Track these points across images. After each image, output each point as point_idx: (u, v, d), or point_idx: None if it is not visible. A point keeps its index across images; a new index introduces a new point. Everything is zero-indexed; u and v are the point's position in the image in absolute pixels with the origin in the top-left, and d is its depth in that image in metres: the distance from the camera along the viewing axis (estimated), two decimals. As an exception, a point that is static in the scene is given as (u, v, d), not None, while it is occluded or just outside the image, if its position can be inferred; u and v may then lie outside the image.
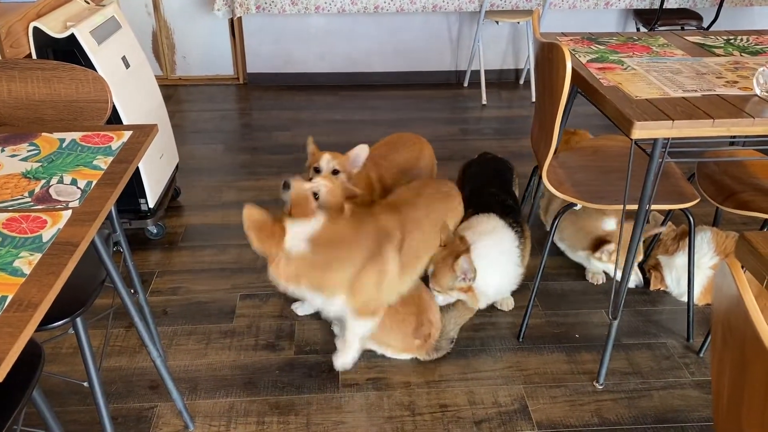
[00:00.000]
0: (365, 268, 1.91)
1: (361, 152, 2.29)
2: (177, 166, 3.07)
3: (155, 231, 2.78)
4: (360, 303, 1.94)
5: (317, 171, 2.27)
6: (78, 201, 1.26)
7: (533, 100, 4.31)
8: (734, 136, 2.21)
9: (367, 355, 2.17)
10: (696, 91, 1.81)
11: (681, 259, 2.40)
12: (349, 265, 1.90)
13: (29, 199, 1.26)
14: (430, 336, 2.13)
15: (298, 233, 1.85)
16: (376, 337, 2.12)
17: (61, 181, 1.33)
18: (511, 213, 2.30)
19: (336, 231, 1.89)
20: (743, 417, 0.92)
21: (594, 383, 2.09)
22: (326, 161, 2.27)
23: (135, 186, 2.64)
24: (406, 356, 2.16)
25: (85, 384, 1.62)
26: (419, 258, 2.10)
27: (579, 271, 2.62)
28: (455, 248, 2.11)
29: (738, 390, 0.92)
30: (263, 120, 4.09)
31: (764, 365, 0.79)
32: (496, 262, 2.18)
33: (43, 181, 1.33)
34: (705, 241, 2.40)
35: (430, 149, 2.71)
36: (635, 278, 2.32)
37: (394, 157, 2.59)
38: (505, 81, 4.73)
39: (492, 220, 2.25)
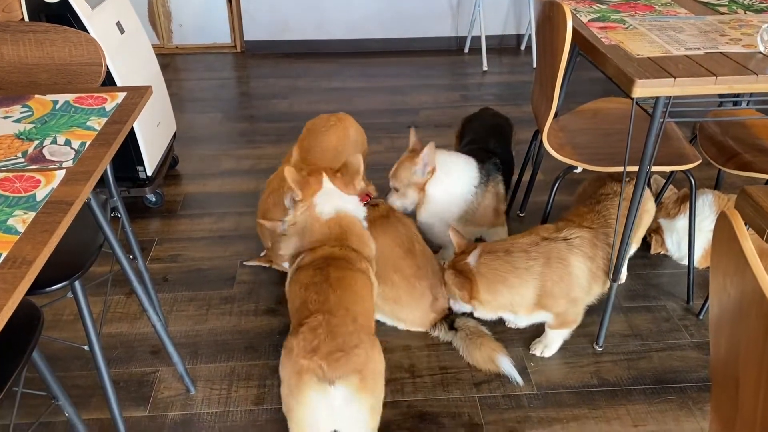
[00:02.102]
0: None
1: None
2: (174, 135, 3.05)
3: (154, 199, 2.77)
4: None
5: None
6: (72, 161, 1.25)
7: (534, 65, 4.26)
8: (737, 95, 2.18)
9: (367, 320, 2.18)
10: (699, 49, 1.78)
11: (682, 222, 2.39)
12: None
13: (23, 160, 1.25)
14: (445, 310, 2.11)
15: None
16: (391, 313, 2.11)
17: (54, 142, 1.32)
18: (488, 162, 2.33)
19: None
20: (740, 370, 0.92)
21: (593, 345, 2.10)
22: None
23: (133, 154, 2.62)
24: (418, 329, 2.15)
25: (86, 348, 1.62)
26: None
27: (579, 235, 2.61)
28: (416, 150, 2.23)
29: (735, 342, 0.92)
30: (261, 88, 4.05)
31: (761, 312, 0.79)
32: (449, 180, 2.23)
33: (37, 142, 1.32)
34: (706, 204, 2.39)
35: (354, 123, 2.60)
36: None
37: (320, 143, 2.45)
38: (506, 47, 4.67)
39: (466, 156, 2.32)
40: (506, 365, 1.95)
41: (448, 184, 2.23)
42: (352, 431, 1.59)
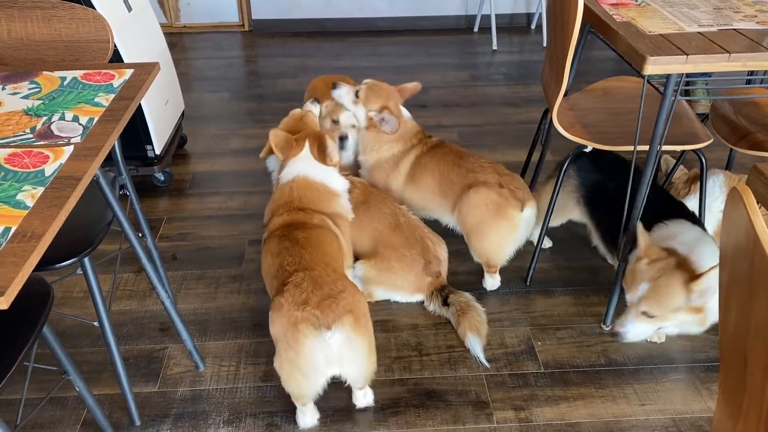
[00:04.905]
0: None
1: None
2: (183, 114, 3.04)
3: (162, 178, 2.78)
4: None
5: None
6: (80, 137, 1.25)
7: (545, 45, 4.22)
8: (751, 73, 2.15)
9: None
10: (712, 25, 1.75)
11: (692, 202, 2.36)
12: None
13: (31, 135, 1.26)
14: (440, 274, 2.14)
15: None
16: (387, 283, 2.13)
17: (62, 118, 1.32)
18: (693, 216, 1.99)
19: None
20: (748, 348, 0.92)
21: (601, 325, 2.10)
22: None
23: (141, 132, 2.62)
24: (418, 298, 2.17)
25: (96, 324, 1.64)
26: None
27: (588, 215, 2.60)
28: (670, 262, 1.76)
29: (744, 320, 0.91)
30: (269, 67, 4.03)
31: (773, 289, 0.78)
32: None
33: (45, 118, 1.32)
34: (717, 185, 2.36)
35: None
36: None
37: None
38: (516, 26, 4.62)
39: (690, 228, 1.89)
40: (473, 346, 1.98)
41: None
42: (353, 372, 1.68)
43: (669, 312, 1.76)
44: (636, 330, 1.80)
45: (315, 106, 2.24)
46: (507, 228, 2.12)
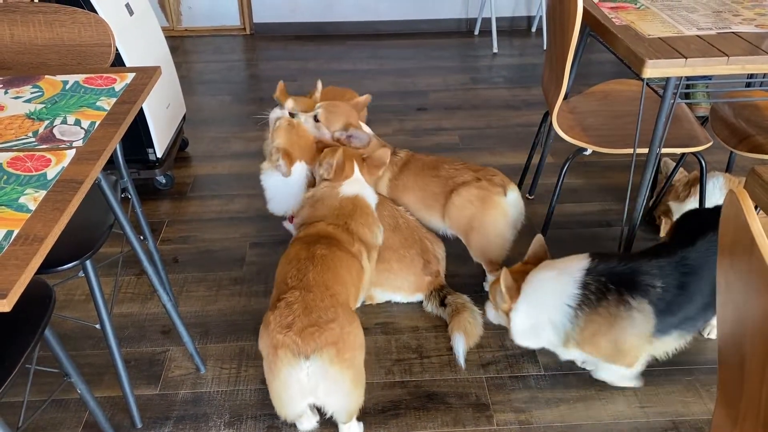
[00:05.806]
0: None
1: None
2: (184, 117, 3.05)
3: (164, 181, 2.79)
4: None
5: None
6: (82, 141, 1.26)
7: (545, 48, 4.23)
8: (751, 76, 2.15)
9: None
10: (711, 29, 1.76)
11: (692, 205, 2.37)
12: None
13: (33, 139, 1.26)
14: (439, 273, 2.15)
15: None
16: (387, 284, 2.14)
17: (64, 122, 1.33)
18: (616, 277, 1.70)
19: None
20: (746, 349, 0.92)
21: (601, 327, 2.10)
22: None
23: (143, 136, 2.63)
24: (418, 297, 2.18)
25: (97, 326, 1.65)
26: None
27: (589, 218, 2.61)
28: (524, 269, 1.84)
29: (741, 321, 0.92)
30: (270, 70, 4.04)
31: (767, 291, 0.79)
32: (533, 301, 1.78)
33: (47, 122, 1.33)
34: (717, 187, 2.37)
35: None
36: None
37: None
38: (516, 29, 4.63)
39: (572, 264, 1.77)
40: (457, 345, 1.98)
41: (526, 308, 1.82)
42: (332, 406, 1.62)
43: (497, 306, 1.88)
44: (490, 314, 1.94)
45: (282, 111, 2.19)
46: (498, 216, 2.12)
